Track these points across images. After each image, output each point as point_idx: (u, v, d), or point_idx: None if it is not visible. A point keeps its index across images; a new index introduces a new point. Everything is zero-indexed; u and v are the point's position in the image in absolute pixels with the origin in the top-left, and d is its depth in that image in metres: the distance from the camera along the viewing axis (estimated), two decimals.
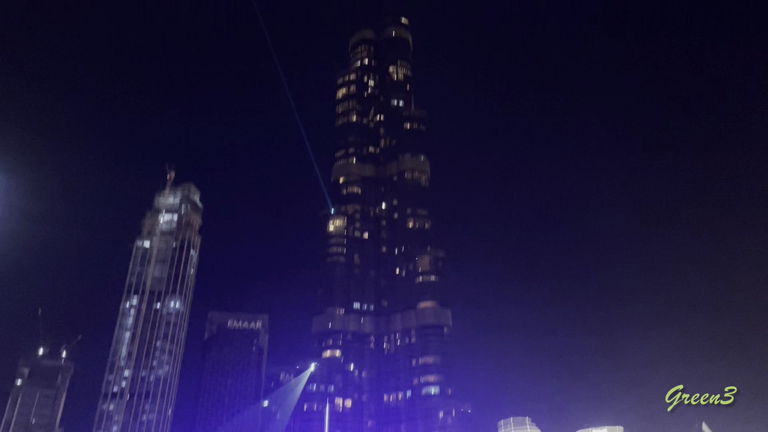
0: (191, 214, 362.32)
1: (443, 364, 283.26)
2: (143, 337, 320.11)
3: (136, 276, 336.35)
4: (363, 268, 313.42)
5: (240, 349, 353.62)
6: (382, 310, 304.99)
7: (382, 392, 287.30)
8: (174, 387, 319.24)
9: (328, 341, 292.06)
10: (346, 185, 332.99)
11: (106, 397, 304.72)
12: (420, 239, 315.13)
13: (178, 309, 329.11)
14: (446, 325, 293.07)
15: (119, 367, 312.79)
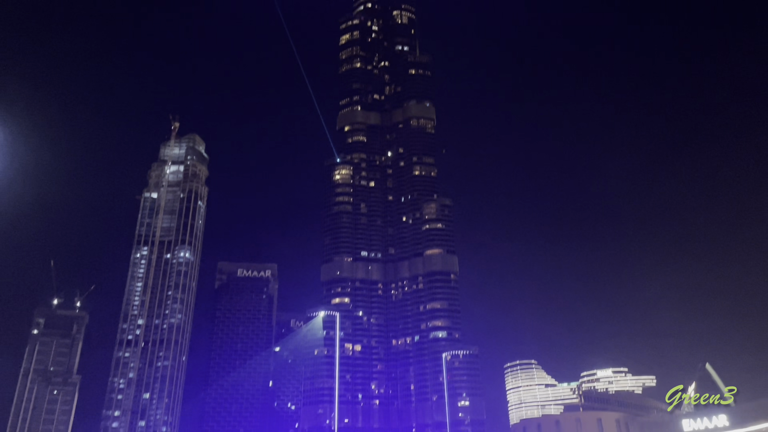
0: (197, 164, 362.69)
1: (450, 310, 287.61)
2: (155, 286, 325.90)
3: (145, 227, 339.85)
4: (370, 217, 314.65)
5: (250, 297, 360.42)
6: (390, 257, 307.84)
7: (391, 337, 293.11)
8: (187, 334, 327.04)
9: (337, 289, 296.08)
10: (352, 134, 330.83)
11: (121, 344, 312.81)
12: (426, 187, 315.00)
13: (188, 259, 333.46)
14: (453, 271, 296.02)
15: (132, 315, 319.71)
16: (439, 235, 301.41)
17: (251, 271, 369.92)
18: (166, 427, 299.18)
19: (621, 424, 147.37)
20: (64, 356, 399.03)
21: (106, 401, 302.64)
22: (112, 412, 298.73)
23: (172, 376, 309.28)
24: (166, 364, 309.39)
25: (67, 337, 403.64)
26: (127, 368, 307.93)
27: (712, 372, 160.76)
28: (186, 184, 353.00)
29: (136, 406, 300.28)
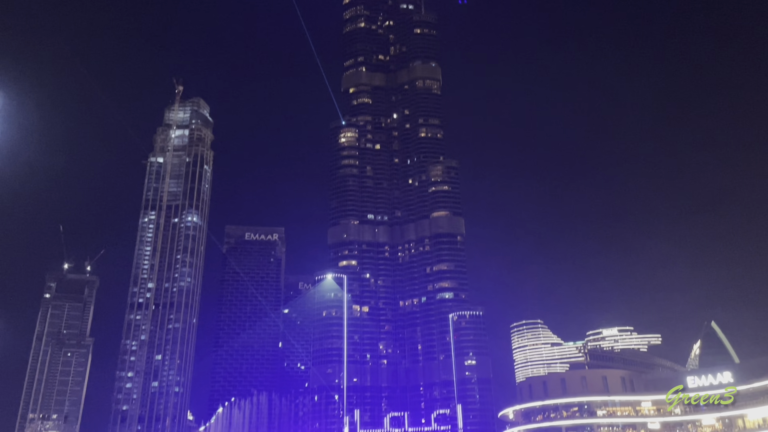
0: (202, 128, 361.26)
1: (457, 271, 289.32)
2: (163, 250, 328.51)
3: (152, 191, 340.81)
4: (376, 179, 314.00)
5: (258, 260, 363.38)
6: (396, 220, 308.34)
7: (398, 298, 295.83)
8: (197, 297, 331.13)
9: (344, 251, 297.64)
10: (357, 95, 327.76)
11: (132, 307, 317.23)
12: (432, 149, 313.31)
13: (196, 223, 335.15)
14: (459, 233, 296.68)
15: (142, 279, 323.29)
16: (446, 197, 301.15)
17: (258, 234, 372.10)
18: (179, 387, 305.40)
19: (626, 382, 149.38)
20: (77, 319, 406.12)
21: (119, 363, 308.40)
22: (125, 373, 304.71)
23: (183, 338, 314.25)
24: (177, 326, 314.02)
25: (78, 300, 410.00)
26: (139, 330, 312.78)
27: (718, 330, 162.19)
28: (191, 149, 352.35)
29: (149, 367, 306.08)
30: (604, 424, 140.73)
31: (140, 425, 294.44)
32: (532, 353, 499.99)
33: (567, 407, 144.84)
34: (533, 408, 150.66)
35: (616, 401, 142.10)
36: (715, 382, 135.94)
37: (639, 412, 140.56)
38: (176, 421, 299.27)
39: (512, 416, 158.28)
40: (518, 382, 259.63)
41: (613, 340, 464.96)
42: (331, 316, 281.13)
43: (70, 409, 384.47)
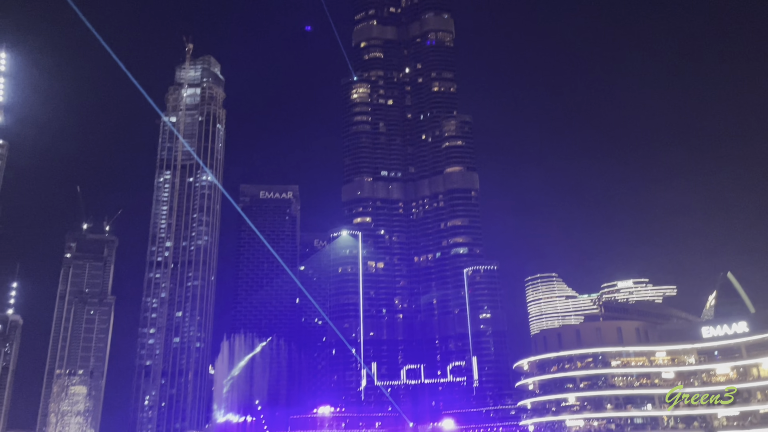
0: (213, 87, 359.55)
1: (471, 226, 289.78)
2: (180, 209, 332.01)
3: (167, 151, 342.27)
4: (389, 136, 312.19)
5: (273, 218, 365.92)
6: (410, 176, 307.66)
7: (413, 254, 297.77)
8: (214, 256, 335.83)
9: (358, 208, 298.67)
10: (368, 50, 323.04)
11: (151, 266, 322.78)
12: (446, 103, 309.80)
13: (210, 182, 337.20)
14: (473, 188, 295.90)
15: (160, 238, 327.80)
16: (459, 152, 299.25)
17: (273, 192, 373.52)
18: (200, 342, 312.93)
19: (641, 333, 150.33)
20: (98, 278, 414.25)
21: (141, 320, 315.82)
22: (147, 329, 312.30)
23: (203, 295, 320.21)
24: (195, 284, 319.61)
25: (99, 260, 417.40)
26: (159, 288, 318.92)
27: (734, 280, 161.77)
28: (203, 107, 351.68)
29: (170, 324, 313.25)
30: (618, 374, 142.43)
31: (164, 379, 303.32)
32: (546, 306, 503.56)
33: (581, 358, 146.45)
34: (548, 359, 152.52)
35: (631, 352, 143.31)
36: (730, 332, 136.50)
37: (653, 362, 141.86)
38: (198, 375, 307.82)
39: (527, 367, 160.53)
40: (533, 335, 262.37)
41: (628, 292, 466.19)
42: (346, 273, 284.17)
43: (96, 365, 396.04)
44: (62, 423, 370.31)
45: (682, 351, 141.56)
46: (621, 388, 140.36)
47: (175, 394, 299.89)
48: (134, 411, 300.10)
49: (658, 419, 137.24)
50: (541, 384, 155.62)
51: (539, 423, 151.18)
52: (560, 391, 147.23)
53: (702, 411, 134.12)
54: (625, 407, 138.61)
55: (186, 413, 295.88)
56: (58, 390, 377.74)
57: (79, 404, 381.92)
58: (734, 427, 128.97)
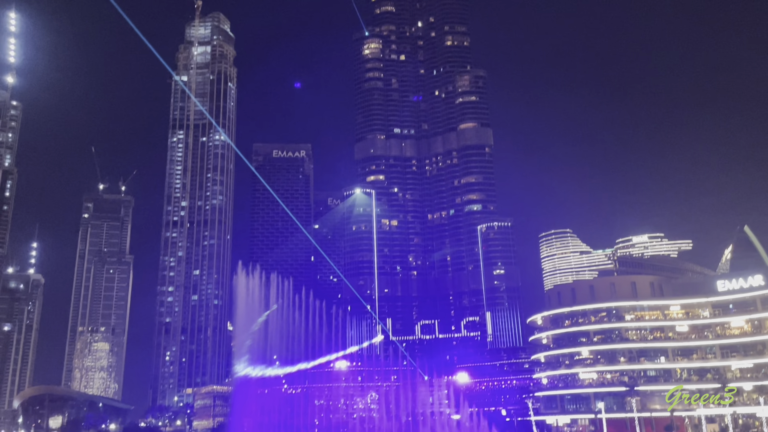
0: (224, 44, 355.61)
1: (485, 183, 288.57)
2: (194, 169, 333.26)
3: (179, 111, 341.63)
4: (401, 92, 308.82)
5: (287, 177, 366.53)
6: (423, 133, 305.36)
7: (426, 212, 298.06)
8: (229, 215, 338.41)
9: (371, 167, 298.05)
10: (379, 3, 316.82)
11: (168, 225, 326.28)
12: (459, 58, 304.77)
13: (223, 141, 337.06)
14: (487, 144, 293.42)
15: (176, 198, 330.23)
16: (473, 107, 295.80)
17: (286, 151, 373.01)
18: (218, 299, 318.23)
19: (655, 287, 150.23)
20: (116, 238, 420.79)
21: (160, 278, 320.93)
22: (166, 287, 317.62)
23: (219, 254, 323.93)
24: (212, 242, 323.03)
25: (116, 220, 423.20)
26: (176, 247, 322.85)
27: (751, 234, 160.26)
28: (214, 66, 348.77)
29: (188, 282, 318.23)
30: (632, 328, 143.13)
31: (183, 336, 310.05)
32: (560, 262, 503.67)
33: (595, 313, 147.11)
34: (561, 314, 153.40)
35: (645, 306, 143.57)
36: (745, 286, 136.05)
37: (667, 316, 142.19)
38: (217, 332, 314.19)
39: (540, 322, 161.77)
40: (547, 290, 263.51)
41: (643, 247, 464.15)
42: (360, 230, 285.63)
43: (117, 322, 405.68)
44: (86, 378, 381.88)
45: (697, 305, 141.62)
46: (634, 342, 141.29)
47: (195, 350, 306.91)
48: (156, 366, 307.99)
49: (671, 371, 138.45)
50: (554, 338, 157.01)
51: (552, 376, 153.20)
52: (574, 345, 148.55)
53: (715, 363, 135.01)
54: (639, 360, 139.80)
55: (206, 368, 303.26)
56: (81, 346, 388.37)
57: (102, 360, 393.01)
58: (748, 379, 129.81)
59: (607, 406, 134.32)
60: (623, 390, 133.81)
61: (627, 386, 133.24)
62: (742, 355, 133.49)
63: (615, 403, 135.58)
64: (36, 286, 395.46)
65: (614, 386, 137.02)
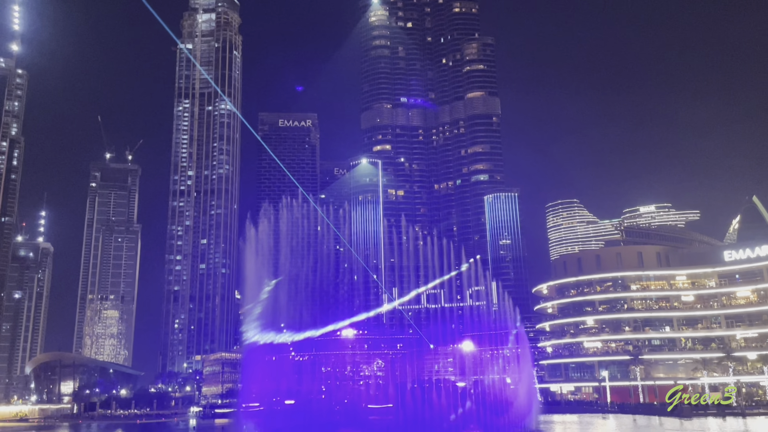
0: (229, 12, 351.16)
1: (492, 152, 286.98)
2: (200, 138, 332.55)
3: (184, 79, 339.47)
4: (408, 60, 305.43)
5: (293, 146, 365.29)
6: (430, 102, 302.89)
7: (433, 182, 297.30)
8: (236, 184, 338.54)
9: (378, 136, 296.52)
10: None
11: (174, 195, 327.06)
12: (467, 25, 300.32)
13: (229, 110, 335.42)
14: (495, 113, 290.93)
15: (182, 167, 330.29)
16: (481, 76, 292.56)
17: (292, 121, 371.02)
18: (225, 268, 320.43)
19: (661, 257, 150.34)
20: (123, 207, 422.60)
21: (168, 247, 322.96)
22: (174, 256, 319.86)
23: (226, 223, 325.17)
24: (219, 212, 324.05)
25: (123, 189, 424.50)
26: (183, 216, 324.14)
27: (759, 204, 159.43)
28: (219, 33, 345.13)
29: (196, 251, 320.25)
30: (637, 298, 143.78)
31: (192, 304, 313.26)
32: (567, 232, 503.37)
33: (601, 282, 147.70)
34: (567, 283, 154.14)
35: (651, 276, 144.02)
36: (752, 256, 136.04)
37: (673, 285, 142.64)
38: (225, 300, 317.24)
39: (546, 291, 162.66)
40: (553, 260, 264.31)
41: (650, 217, 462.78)
42: (367, 200, 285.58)
43: (126, 290, 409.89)
44: (97, 345, 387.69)
45: (703, 275, 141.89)
46: (640, 311, 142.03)
47: (204, 318, 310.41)
48: (165, 334, 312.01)
49: (675, 341, 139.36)
50: (560, 307, 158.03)
51: (557, 344, 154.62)
52: (579, 314, 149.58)
53: (720, 333, 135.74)
54: (643, 329, 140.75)
55: (215, 336, 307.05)
56: (91, 314, 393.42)
57: (112, 327, 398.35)
58: (752, 348, 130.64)
59: (611, 374, 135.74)
60: (627, 359, 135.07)
61: (631, 355, 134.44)
62: (747, 325, 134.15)
63: (619, 371, 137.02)
64: (45, 255, 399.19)
65: (618, 355, 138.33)
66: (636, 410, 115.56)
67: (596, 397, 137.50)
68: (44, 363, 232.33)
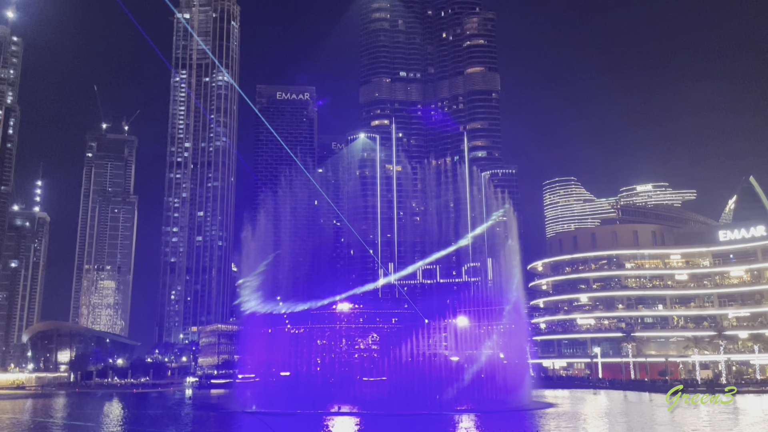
0: None
1: (491, 129, 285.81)
2: (197, 110, 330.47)
3: (182, 50, 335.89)
4: (408, 34, 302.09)
5: (290, 120, 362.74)
6: (429, 77, 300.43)
7: (431, 158, 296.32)
8: (233, 157, 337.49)
9: (376, 111, 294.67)
10: None
11: (171, 166, 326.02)
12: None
13: (227, 82, 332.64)
14: (494, 89, 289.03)
15: (179, 139, 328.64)
16: (481, 51, 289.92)
17: (290, 93, 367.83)
18: (222, 241, 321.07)
19: (656, 236, 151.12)
20: (120, 177, 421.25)
21: (164, 218, 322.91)
22: (170, 228, 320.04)
23: (223, 196, 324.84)
24: (216, 184, 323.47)
25: (120, 159, 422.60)
26: (180, 188, 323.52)
27: (755, 184, 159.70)
28: (217, 3, 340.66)
29: (192, 223, 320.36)
30: (631, 276, 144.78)
31: (188, 275, 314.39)
32: (563, 210, 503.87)
33: (596, 260, 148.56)
34: (562, 261, 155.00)
35: (645, 254, 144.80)
36: (747, 236, 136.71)
37: (667, 264, 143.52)
38: (221, 272, 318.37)
39: (541, 268, 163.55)
40: (548, 237, 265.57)
41: (647, 196, 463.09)
42: (364, 175, 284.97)
43: (122, 261, 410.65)
44: (93, 315, 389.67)
45: (697, 254, 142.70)
46: (633, 289, 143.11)
47: (200, 290, 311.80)
48: (161, 305, 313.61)
49: (668, 319, 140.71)
50: (554, 284, 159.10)
51: (551, 321, 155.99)
52: (573, 292, 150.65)
53: (713, 312, 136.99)
54: (637, 307, 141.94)
55: (211, 307, 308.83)
56: (87, 284, 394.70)
57: (108, 297, 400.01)
58: (744, 327, 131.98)
59: (603, 351, 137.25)
60: (620, 336, 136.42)
61: (624, 332, 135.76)
62: (739, 304, 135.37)
63: (611, 348, 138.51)
64: (42, 224, 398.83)
65: (611, 332, 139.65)
66: (627, 386, 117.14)
67: (588, 373, 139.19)
68: (41, 332, 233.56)
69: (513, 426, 55.07)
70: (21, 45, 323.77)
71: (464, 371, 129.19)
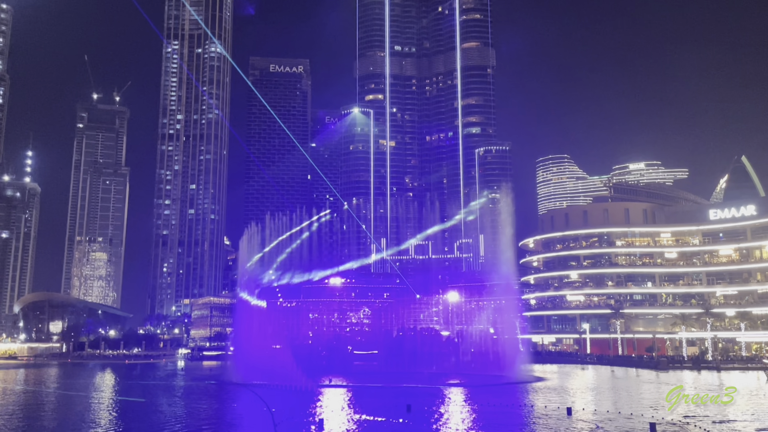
0: None
1: (485, 105, 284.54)
2: (189, 81, 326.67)
3: (173, 20, 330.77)
4: (403, 7, 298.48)
5: (284, 93, 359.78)
6: (424, 51, 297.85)
7: (425, 133, 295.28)
8: (225, 129, 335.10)
9: (370, 85, 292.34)
10: None
11: (163, 138, 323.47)
12: None
13: (219, 53, 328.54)
14: (490, 65, 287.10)
15: (171, 110, 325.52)
16: (477, 26, 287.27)
17: (283, 66, 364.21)
18: (214, 214, 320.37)
19: (648, 214, 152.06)
20: (111, 149, 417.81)
21: (156, 191, 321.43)
22: (162, 201, 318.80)
23: (215, 169, 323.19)
24: (208, 157, 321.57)
25: (111, 131, 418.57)
26: (172, 161, 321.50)
27: (747, 164, 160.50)
28: None
29: (185, 196, 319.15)
30: (621, 254, 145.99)
31: (180, 248, 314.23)
32: (556, 187, 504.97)
33: (587, 238, 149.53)
34: (553, 238, 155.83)
35: (636, 232, 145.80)
36: (737, 215, 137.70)
37: (657, 242, 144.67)
38: (214, 246, 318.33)
39: (532, 245, 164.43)
40: (540, 215, 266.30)
41: (640, 174, 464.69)
42: (358, 150, 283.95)
43: (114, 233, 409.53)
44: (85, 286, 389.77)
45: (687, 232, 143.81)
46: (623, 267, 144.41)
47: (192, 263, 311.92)
48: (153, 277, 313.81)
49: (656, 296, 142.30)
50: (545, 261, 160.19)
51: (541, 297, 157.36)
52: (564, 269, 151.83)
53: (701, 289, 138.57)
54: (626, 285, 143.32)
55: (203, 280, 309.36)
56: (79, 256, 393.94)
57: (100, 269, 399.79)
58: (731, 305, 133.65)
59: (592, 327, 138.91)
60: (609, 312, 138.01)
61: (612, 309, 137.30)
62: (727, 283, 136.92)
63: (600, 324, 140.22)
64: (33, 195, 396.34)
65: (600, 309, 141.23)
66: (614, 362, 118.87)
67: (576, 349, 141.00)
68: (33, 302, 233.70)
69: (502, 399, 55.94)
70: (10, 13, 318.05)
71: (455, 345, 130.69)
